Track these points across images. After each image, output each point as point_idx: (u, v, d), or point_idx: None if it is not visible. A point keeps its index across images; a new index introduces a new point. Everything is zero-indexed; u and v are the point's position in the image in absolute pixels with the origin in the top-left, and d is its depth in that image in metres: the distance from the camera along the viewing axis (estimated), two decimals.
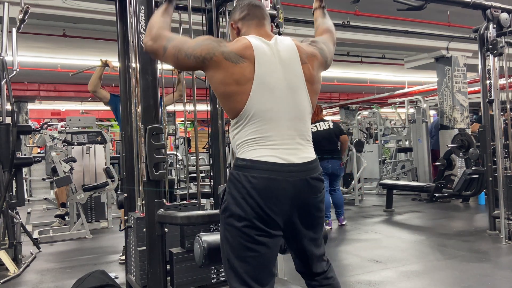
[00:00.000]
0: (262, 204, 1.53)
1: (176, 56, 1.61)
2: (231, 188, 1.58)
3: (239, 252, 1.56)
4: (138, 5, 2.18)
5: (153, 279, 2.17)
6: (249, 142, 1.58)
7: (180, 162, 7.40)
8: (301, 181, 1.57)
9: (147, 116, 2.16)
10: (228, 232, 1.59)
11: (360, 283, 3.26)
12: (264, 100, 1.57)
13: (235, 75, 1.55)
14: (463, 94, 8.15)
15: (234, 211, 1.55)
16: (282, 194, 1.55)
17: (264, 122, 1.57)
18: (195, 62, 1.59)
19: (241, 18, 1.73)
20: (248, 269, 1.56)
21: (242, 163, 1.57)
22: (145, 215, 2.21)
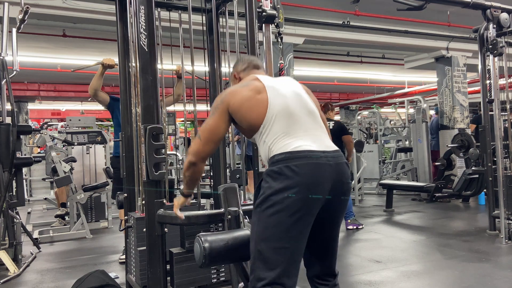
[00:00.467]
0: (306, 189, 1.61)
1: (220, 136, 1.85)
2: (271, 182, 1.65)
3: (275, 242, 1.62)
4: (138, 5, 2.18)
5: (153, 279, 2.17)
6: (279, 138, 1.72)
7: (180, 162, 7.40)
8: (336, 166, 1.70)
9: (147, 116, 2.16)
10: (264, 223, 1.64)
11: (360, 283, 3.26)
12: (281, 101, 1.78)
13: (250, 90, 1.80)
14: (463, 94, 8.15)
15: (277, 201, 1.61)
16: (324, 177, 1.66)
17: (287, 118, 1.75)
18: (226, 120, 1.82)
19: (242, 70, 2.03)
20: (281, 260, 1.62)
21: (280, 157, 1.67)
22: (145, 215, 2.21)
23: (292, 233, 1.62)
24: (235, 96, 1.80)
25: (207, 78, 3.14)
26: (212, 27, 3.02)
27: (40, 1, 4.90)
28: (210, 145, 1.83)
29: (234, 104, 1.78)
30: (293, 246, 1.64)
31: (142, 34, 2.16)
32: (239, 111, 1.78)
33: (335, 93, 14.55)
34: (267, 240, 1.63)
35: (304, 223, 1.64)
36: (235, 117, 1.80)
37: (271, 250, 1.62)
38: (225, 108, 1.79)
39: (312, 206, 1.64)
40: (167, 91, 3.78)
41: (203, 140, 1.81)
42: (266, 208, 1.64)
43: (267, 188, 1.65)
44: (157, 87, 2.19)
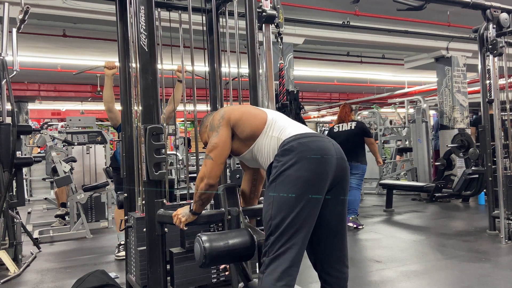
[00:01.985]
0: (319, 160, 1.73)
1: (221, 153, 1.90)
2: (283, 159, 1.75)
3: (292, 206, 1.69)
4: (138, 5, 2.18)
5: (153, 279, 2.17)
6: (286, 128, 1.87)
7: (180, 162, 7.40)
8: (337, 145, 1.86)
9: (147, 116, 2.16)
10: (281, 192, 1.72)
11: (360, 283, 3.26)
12: (274, 113, 2.01)
13: (247, 106, 2.03)
14: (463, 94, 8.15)
15: (290, 172, 1.71)
16: (331, 152, 1.78)
17: (283, 121, 1.93)
18: (230, 134, 1.91)
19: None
20: (296, 224, 1.69)
21: (290, 138, 1.79)
22: (145, 215, 2.21)
23: (308, 198, 1.70)
24: (234, 111, 1.94)
25: (207, 78, 3.13)
26: (212, 27, 3.02)
27: (40, 1, 4.90)
28: (221, 163, 1.90)
29: (235, 116, 1.90)
30: (309, 209, 1.71)
31: (142, 34, 2.16)
32: (240, 120, 1.90)
33: (335, 93, 14.54)
34: (285, 205, 1.71)
35: (318, 189, 1.73)
36: (237, 128, 1.90)
37: (290, 214, 1.69)
38: (227, 123, 1.89)
39: (324, 175, 1.74)
40: (167, 91, 3.78)
41: (215, 160, 1.87)
42: (282, 180, 1.73)
43: (281, 165, 1.74)
44: (157, 87, 2.19)
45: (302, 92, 12.38)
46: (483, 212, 5.95)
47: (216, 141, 1.87)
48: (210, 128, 1.93)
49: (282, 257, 1.68)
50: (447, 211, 6.38)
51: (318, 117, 17.58)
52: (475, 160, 5.87)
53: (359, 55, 9.01)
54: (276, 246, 1.70)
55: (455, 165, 7.15)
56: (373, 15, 6.32)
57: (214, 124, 1.91)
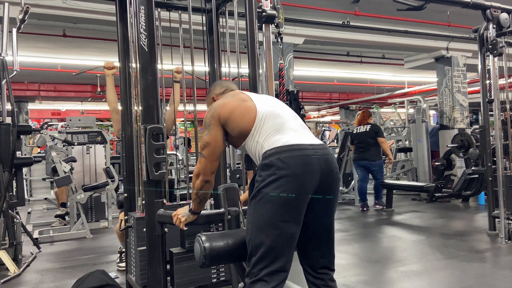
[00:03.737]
0: (296, 178, 1.69)
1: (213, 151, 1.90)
2: (264, 175, 1.73)
3: (272, 229, 1.69)
4: (138, 5, 2.18)
5: (153, 279, 2.17)
6: (270, 134, 1.81)
7: (180, 162, 7.40)
8: (323, 157, 1.79)
9: (147, 116, 2.16)
10: (260, 213, 1.71)
11: (360, 283, 3.26)
12: (267, 106, 1.91)
13: (237, 100, 1.93)
14: (463, 94, 8.15)
15: (270, 191, 1.69)
16: (313, 167, 1.74)
17: (275, 118, 1.86)
18: (221, 132, 1.89)
19: (221, 93, 2.14)
20: (279, 247, 1.69)
21: (272, 151, 1.75)
22: (145, 215, 2.21)
23: (286, 220, 1.70)
24: (224, 108, 1.89)
25: (207, 78, 3.14)
26: (212, 27, 3.02)
27: (40, 1, 4.90)
28: (215, 160, 1.89)
29: (224, 114, 1.86)
30: (288, 233, 1.71)
31: (142, 34, 2.16)
32: (229, 119, 1.86)
33: (335, 93, 14.54)
34: (264, 228, 1.70)
35: (297, 210, 1.72)
36: (227, 126, 1.88)
37: (268, 238, 1.69)
38: (217, 121, 1.88)
39: (303, 194, 1.71)
40: (167, 91, 3.77)
41: (208, 158, 1.88)
42: (260, 199, 1.71)
43: (261, 181, 1.73)
44: (157, 87, 2.20)
45: (302, 92, 12.38)
46: (483, 212, 5.95)
47: (207, 140, 1.88)
48: (203, 125, 1.93)
49: (262, 284, 1.67)
50: (447, 211, 6.38)
51: (318, 117, 17.59)
52: (475, 160, 5.88)
53: (359, 55, 9.01)
54: (257, 268, 1.69)
55: (455, 165, 7.15)
56: (373, 15, 6.32)
57: (205, 123, 1.91)
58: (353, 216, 6.25)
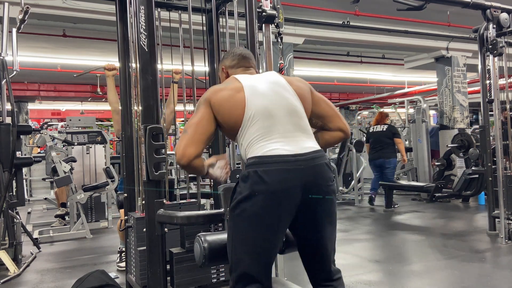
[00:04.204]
0: (274, 196, 1.59)
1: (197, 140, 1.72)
2: (242, 187, 1.64)
3: (248, 247, 1.63)
4: (138, 5, 2.18)
5: (153, 279, 2.16)
6: (254, 140, 1.68)
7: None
8: (309, 169, 1.64)
9: (147, 116, 2.16)
10: (237, 227, 1.65)
11: (360, 283, 3.26)
12: (259, 101, 1.72)
13: (229, 90, 1.76)
14: (463, 94, 8.15)
15: (246, 207, 1.61)
16: (292, 183, 1.61)
17: (265, 120, 1.69)
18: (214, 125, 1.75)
19: (231, 66, 1.97)
20: (252, 262, 1.64)
21: (251, 161, 1.65)
22: (145, 215, 2.21)
23: (264, 239, 1.63)
24: (216, 95, 1.75)
25: (207, 78, 3.13)
26: (212, 27, 3.02)
27: (40, 1, 4.90)
28: (198, 140, 1.70)
29: (215, 103, 1.73)
30: (265, 253, 1.65)
31: (142, 34, 2.16)
32: (219, 111, 1.73)
33: (335, 93, 14.55)
34: (241, 246, 1.65)
35: (274, 229, 1.63)
36: (217, 117, 1.74)
37: (246, 257, 1.64)
38: (207, 105, 1.74)
39: (280, 212, 1.61)
40: (167, 91, 3.77)
41: (191, 135, 1.70)
42: (237, 213, 1.65)
43: (238, 193, 1.65)
44: (157, 87, 2.19)
45: None
46: (483, 212, 5.94)
47: (194, 121, 1.74)
48: (195, 108, 1.82)
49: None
50: (447, 211, 6.38)
51: None
52: (475, 160, 5.88)
53: (359, 55, 9.02)
54: (238, 286, 1.66)
55: (455, 165, 7.15)
56: (373, 15, 6.32)
57: (197, 104, 1.80)
58: (353, 216, 6.25)
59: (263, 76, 1.88)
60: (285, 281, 2.85)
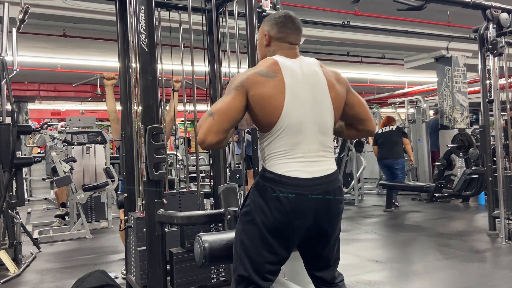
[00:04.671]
0: (286, 216, 1.59)
1: (234, 121, 1.62)
2: (256, 196, 1.64)
3: (253, 255, 1.64)
4: (138, 5, 2.18)
5: (153, 279, 2.16)
6: (278, 154, 1.64)
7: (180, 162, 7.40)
8: (325, 193, 1.64)
9: (147, 116, 2.15)
10: (246, 235, 1.65)
11: (360, 283, 3.26)
12: (296, 113, 1.63)
13: (270, 88, 1.61)
14: (463, 94, 8.15)
15: (257, 218, 1.62)
16: (309, 208, 1.62)
17: (294, 136, 1.63)
18: (242, 104, 1.61)
19: (276, 38, 1.76)
20: (257, 269, 1.64)
21: (270, 176, 1.64)
22: (145, 215, 2.21)
23: (267, 253, 1.63)
24: (256, 88, 1.60)
25: (207, 78, 3.13)
26: (212, 27, 3.02)
27: (40, 1, 4.89)
28: (221, 133, 1.58)
29: (253, 97, 1.60)
30: (270, 262, 1.65)
31: (142, 34, 2.16)
32: (255, 107, 1.62)
33: None
34: (246, 250, 1.66)
35: (281, 243, 1.63)
36: (248, 109, 1.64)
37: (248, 259, 1.65)
38: (243, 94, 1.60)
39: (290, 231, 1.63)
40: (167, 91, 3.77)
41: (214, 121, 1.57)
42: (247, 221, 1.65)
43: (252, 202, 1.65)
44: (157, 87, 2.19)
45: None
46: (483, 212, 5.95)
47: (222, 107, 1.60)
48: (228, 87, 1.67)
49: None
50: (447, 211, 6.38)
51: None
52: (475, 160, 5.88)
53: (359, 55, 9.01)
54: (239, 271, 1.67)
55: (455, 165, 7.15)
56: (373, 15, 6.32)
57: (232, 85, 1.64)
58: (353, 216, 6.25)
59: (305, 73, 1.70)
60: (285, 281, 2.85)
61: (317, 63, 1.77)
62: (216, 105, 1.64)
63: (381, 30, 6.75)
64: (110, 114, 3.70)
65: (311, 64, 1.75)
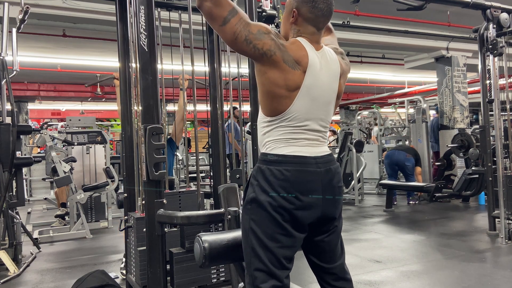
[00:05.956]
0: (293, 193, 1.59)
1: (236, 36, 1.54)
2: (260, 181, 1.62)
3: (266, 241, 1.60)
4: (138, 5, 2.18)
5: (153, 279, 2.17)
6: (280, 141, 1.66)
7: (180, 162, 7.40)
8: (326, 171, 1.67)
9: (147, 116, 2.16)
10: (255, 223, 1.62)
11: (360, 283, 3.26)
12: (305, 107, 1.64)
13: (287, 80, 1.58)
14: (463, 94, 8.15)
15: (264, 201, 1.59)
16: (314, 184, 1.63)
17: (298, 127, 1.65)
18: (253, 51, 1.56)
19: (305, 18, 1.65)
20: (272, 258, 1.60)
21: (273, 158, 1.63)
22: (145, 215, 2.21)
23: (280, 236, 1.60)
24: (283, 55, 1.56)
25: (207, 78, 3.14)
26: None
27: (40, 1, 4.90)
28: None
29: (275, 61, 1.55)
30: (283, 246, 1.61)
31: (142, 34, 2.16)
32: (266, 80, 1.59)
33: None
34: (258, 238, 1.61)
35: (293, 224, 1.61)
36: (260, 73, 1.61)
37: (262, 248, 1.60)
38: (268, 56, 1.55)
39: (298, 209, 1.60)
40: (167, 91, 3.77)
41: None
42: (254, 207, 1.62)
43: (256, 187, 1.63)
44: (157, 87, 2.19)
45: None
46: (483, 212, 5.95)
47: (252, 27, 1.55)
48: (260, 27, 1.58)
49: None
50: (447, 211, 6.38)
51: None
52: (475, 160, 5.87)
53: (359, 55, 9.01)
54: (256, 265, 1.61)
55: (455, 165, 7.15)
56: (373, 15, 6.32)
57: (261, 28, 1.57)
58: (353, 216, 6.25)
59: (325, 68, 1.68)
60: None
61: (338, 60, 1.76)
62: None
63: (381, 30, 6.75)
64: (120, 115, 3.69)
65: (333, 61, 1.74)
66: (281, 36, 1.64)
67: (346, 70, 1.83)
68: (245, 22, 1.55)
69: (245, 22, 1.55)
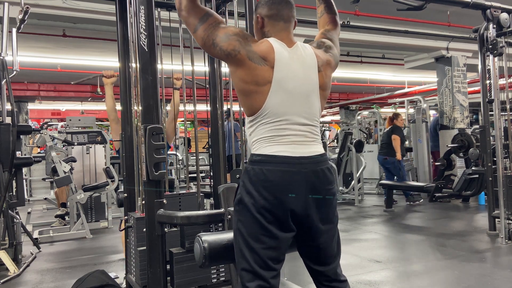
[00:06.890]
0: (274, 194, 1.59)
1: (204, 41, 1.66)
2: (245, 182, 1.64)
3: (251, 242, 1.61)
4: (138, 5, 2.18)
5: (153, 279, 2.16)
6: (264, 139, 1.66)
7: (180, 162, 7.40)
8: (312, 172, 1.64)
9: (147, 116, 2.16)
10: (242, 224, 1.64)
11: (360, 283, 3.26)
12: (280, 102, 1.64)
13: (255, 76, 1.62)
14: (463, 94, 8.16)
15: (248, 202, 1.61)
16: (297, 184, 1.61)
17: (279, 122, 1.65)
18: (220, 53, 1.65)
19: (268, 16, 1.72)
20: (257, 258, 1.61)
21: (257, 158, 1.64)
22: (145, 215, 2.21)
23: (264, 237, 1.60)
24: (248, 53, 1.60)
25: (207, 78, 3.13)
26: None
27: (40, 1, 4.90)
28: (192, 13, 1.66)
29: (240, 60, 1.61)
30: (268, 247, 1.61)
31: (142, 34, 2.16)
32: (243, 78, 1.63)
33: (335, 93, 14.54)
34: (244, 239, 1.62)
35: (276, 225, 1.60)
36: (231, 73, 1.67)
37: (248, 249, 1.61)
38: (232, 55, 1.61)
39: (281, 210, 1.59)
40: (167, 91, 3.77)
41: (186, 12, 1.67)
42: (240, 209, 1.64)
43: (241, 188, 1.65)
44: (157, 87, 2.19)
45: None
46: (483, 212, 5.95)
47: (220, 31, 1.64)
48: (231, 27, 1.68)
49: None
50: (447, 211, 6.38)
51: None
52: (475, 160, 5.88)
53: (359, 55, 9.02)
54: (243, 267, 1.62)
55: (455, 165, 7.15)
56: (373, 15, 6.32)
57: (230, 29, 1.66)
58: (353, 216, 6.25)
59: (301, 55, 1.70)
60: (285, 281, 2.85)
61: (314, 53, 1.73)
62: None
63: (381, 30, 6.75)
64: (110, 113, 3.63)
65: (308, 55, 1.72)
66: (253, 38, 1.69)
67: (330, 61, 1.78)
68: (214, 28, 1.65)
69: (214, 27, 1.65)
